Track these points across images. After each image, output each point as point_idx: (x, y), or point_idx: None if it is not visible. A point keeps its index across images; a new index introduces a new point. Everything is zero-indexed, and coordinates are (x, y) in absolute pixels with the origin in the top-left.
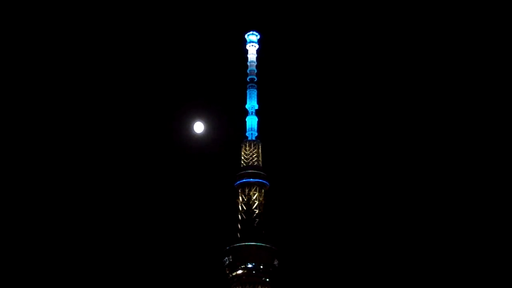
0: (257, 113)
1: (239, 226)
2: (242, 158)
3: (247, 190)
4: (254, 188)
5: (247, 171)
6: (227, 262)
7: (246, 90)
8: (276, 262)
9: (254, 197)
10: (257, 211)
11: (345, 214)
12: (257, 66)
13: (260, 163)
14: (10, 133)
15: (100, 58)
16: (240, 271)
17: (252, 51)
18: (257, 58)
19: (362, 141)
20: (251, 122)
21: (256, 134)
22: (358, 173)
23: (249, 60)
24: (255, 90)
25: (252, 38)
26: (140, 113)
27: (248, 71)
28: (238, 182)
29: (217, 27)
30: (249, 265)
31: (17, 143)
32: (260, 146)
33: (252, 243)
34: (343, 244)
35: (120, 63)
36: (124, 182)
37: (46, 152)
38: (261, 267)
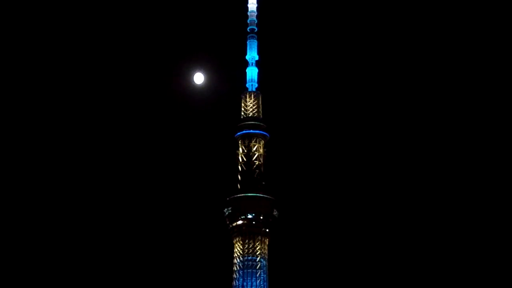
0: (258, 64)
1: (239, 177)
2: (242, 109)
3: (247, 142)
4: (254, 139)
5: (247, 122)
6: (227, 213)
7: (247, 40)
8: (275, 213)
9: (254, 149)
10: (257, 162)
11: (345, 164)
12: (257, 16)
13: (260, 114)
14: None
15: (99, 11)
16: (240, 222)
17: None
18: (257, 7)
19: (364, 91)
20: (252, 73)
21: (257, 85)
22: (359, 123)
23: (249, 9)
24: (256, 40)
25: None
26: (140, 65)
27: (248, 21)
28: (238, 133)
29: None
30: (249, 216)
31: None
32: (260, 97)
33: (252, 194)
34: (343, 193)
35: (119, 13)
36: (124, 134)
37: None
38: (261, 217)
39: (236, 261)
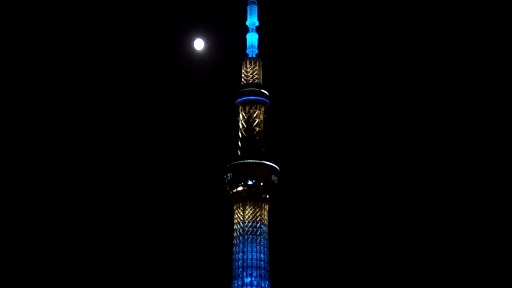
0: (258, 30)
1: (240, 143)
2: (243, 75)
3: (247, 108)
4: (255, 106)
5: (247, 88)
6: (227, 179)
7: (247, 6)
8: (275, 179)
9: (255, 115)
10: (257, 129)
11: (345, 131)
12: None
13: (261, 80)
14: None
15: None
16: (240, 188)
17: None
18: None
19: (366, 57)
20: (252, 39)
21: (257, 51)
22: (360, 89)
23: None
24: (256, 6)
25: None
26: (140, 32)
27: None
28: (238, 99)
29: None
30: (249, 182)
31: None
32: (260, 64)
33: (252, 160)
34: (343, 159)
35: None
36: (123, 103)
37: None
38: (261, 184)
39: (236, 227)
